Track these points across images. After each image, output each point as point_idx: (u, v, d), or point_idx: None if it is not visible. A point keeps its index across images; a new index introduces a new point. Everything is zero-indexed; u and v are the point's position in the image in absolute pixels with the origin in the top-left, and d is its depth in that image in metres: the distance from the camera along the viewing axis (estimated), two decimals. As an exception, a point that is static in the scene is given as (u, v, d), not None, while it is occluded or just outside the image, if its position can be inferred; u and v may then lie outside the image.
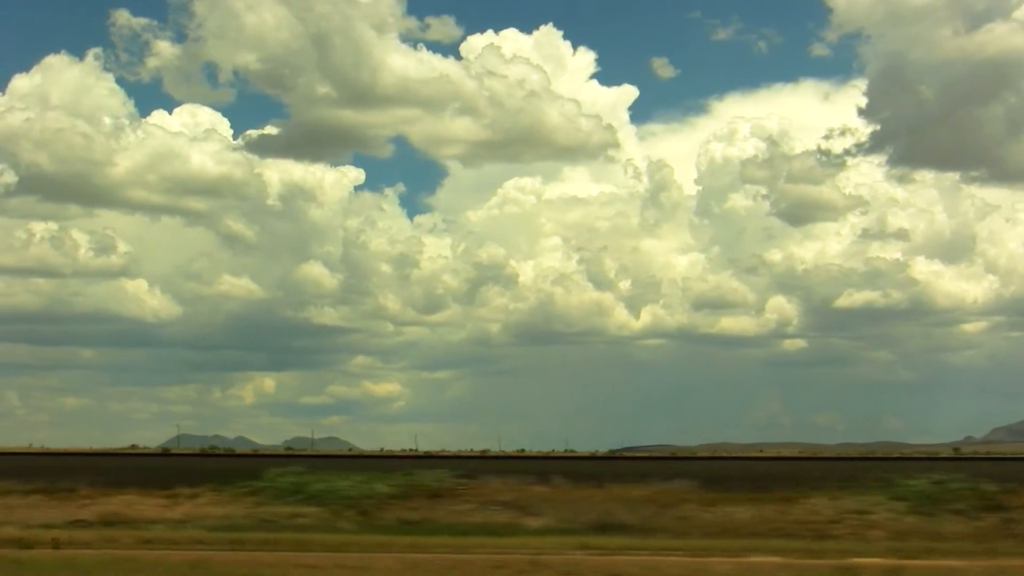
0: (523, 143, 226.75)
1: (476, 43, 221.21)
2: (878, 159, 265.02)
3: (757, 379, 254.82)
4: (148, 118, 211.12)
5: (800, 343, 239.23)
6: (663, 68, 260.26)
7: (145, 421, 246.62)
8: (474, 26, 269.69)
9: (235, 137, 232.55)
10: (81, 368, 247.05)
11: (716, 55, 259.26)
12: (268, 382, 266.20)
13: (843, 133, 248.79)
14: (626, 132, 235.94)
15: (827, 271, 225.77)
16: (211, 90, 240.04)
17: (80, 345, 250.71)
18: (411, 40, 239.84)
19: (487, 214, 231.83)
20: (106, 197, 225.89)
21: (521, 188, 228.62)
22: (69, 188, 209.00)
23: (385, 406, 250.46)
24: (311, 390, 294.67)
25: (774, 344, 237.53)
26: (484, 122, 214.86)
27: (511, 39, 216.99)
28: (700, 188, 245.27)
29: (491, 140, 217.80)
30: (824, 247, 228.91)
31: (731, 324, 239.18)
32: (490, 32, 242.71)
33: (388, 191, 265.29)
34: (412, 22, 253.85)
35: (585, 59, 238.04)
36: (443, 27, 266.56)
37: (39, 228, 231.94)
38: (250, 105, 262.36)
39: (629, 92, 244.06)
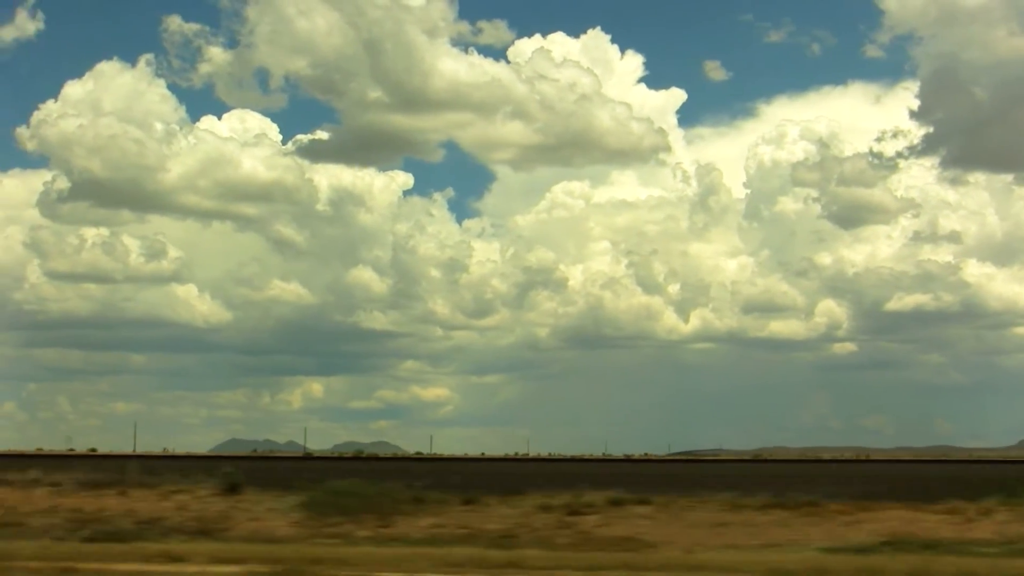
0: (574, 147, 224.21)
1: (524, 47, 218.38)
2: (930, 161, 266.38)
3: (806, 383, 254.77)
4: (198, 124, 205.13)
5: (850, 347, 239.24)
6: (715, 71, 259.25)
7: (195, 426, 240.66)
8: (525, 30, 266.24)
9: (285, 142, 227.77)
10: (132, 373, 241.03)
11: (766, 58, 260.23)
12: (317, 387, 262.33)
13: (895, 135, 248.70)
14: (674, 136, 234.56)
15: (878, 274, 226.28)
16: (263, 95, 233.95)
17: (131, 350, 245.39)
18: (462, 44, 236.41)
19: (535, 218, 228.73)
20: (158, 203, 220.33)
21: (569, 192, 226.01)
22: (121, 194, 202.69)
23: (433, 410, 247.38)
24: (360, 394, 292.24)
25: (824, 348, 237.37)
26: (535, 126, 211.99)
27: (559, 43, 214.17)
28: (749, 191, 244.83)
29: (542, 144, 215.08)
30: (875, 250, 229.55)
31: (780, 328, 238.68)
32: (538, 36, 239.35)
33: (437, 196, 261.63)
34: (464, 26, 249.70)
35: (633, 62, 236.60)
36: (495, 31, 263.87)
37: (91, 234, 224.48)
38: (301, 110, 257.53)
39: (677, 95, 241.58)
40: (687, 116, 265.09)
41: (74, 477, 40.22)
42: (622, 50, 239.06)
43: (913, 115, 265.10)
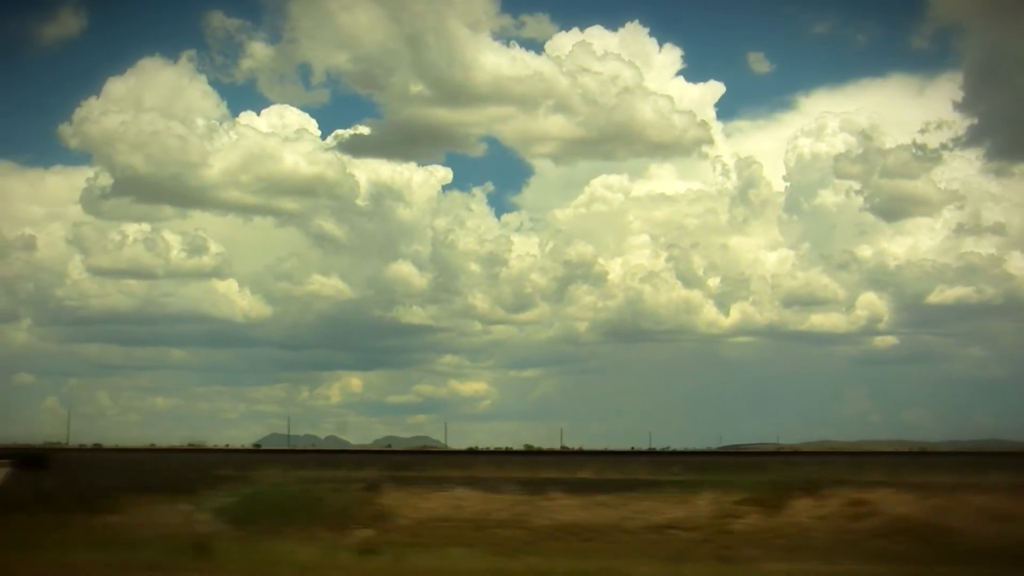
0: (616, 140, 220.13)
1: (561, 41, 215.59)
2: (975, 153, 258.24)
3: (847, 376, 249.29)
4: (240, 119, 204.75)
5: (891, 340, 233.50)
6: (759, 63, 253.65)
7: (234, 420, 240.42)
8: (566, 24, 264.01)
9: (327, 137, 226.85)
10: (171, 368, 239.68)
11: (809, 49, 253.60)
12: (355, 381, 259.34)
13: (939, 127, 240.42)
14: (713, 129, 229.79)
15: (920, 267, 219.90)
16: (305, 91, 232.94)
17: (171, 345, 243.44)
18: (505, 38, 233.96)
19: (574, 212, 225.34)
20: (199, 198, 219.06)
21: (608, 186, 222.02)
22: (163, 190, 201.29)
23: (471, 405, 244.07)
24: (398, 389, 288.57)
25: (864, 341, 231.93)
26: (577, 119, 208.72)
27: (597, 36, 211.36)
28: (788, 184, 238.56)
29: (584, 138, 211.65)
30: (916, 242, 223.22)
31: (821, 321, 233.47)
32: (576, 30, 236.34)
33: (476, 190, 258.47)
34: (507, 20, 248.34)
35: (671, 56, 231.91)
36: (538, 25, 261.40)
37: (132, 230, 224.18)
38: (343, 105, 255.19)
39: (715, 88, 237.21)
40: (725, 109, 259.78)
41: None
42: (660, 43, 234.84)
43: (957, 106, 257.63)
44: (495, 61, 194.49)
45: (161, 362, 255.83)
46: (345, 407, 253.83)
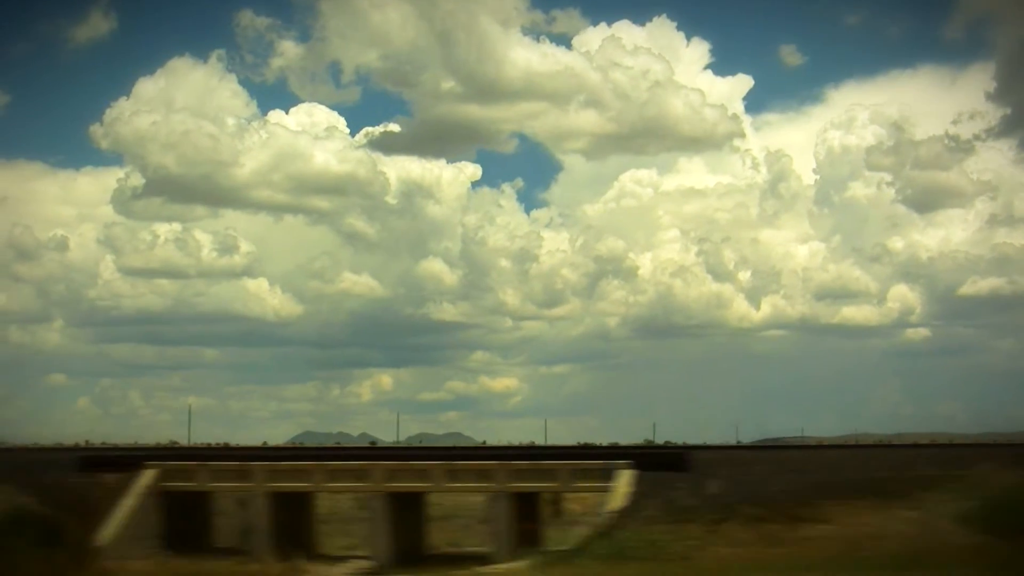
0: (648, 135, 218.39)
1: (589, 36, 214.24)
2: (1008, 143, 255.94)
3: (879, 369, 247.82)
4: (271, 118, 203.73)
5: (923, 332, 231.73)
6: (791, 56, 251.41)
7: (265, 419, 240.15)
8: (596, 19, 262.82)
9: (356, 135, 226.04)
10: (203, 368, 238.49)
11: (838, 42, 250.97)
12: (386, 379, 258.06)
13: (972, 117, 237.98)
14: (743, 122, 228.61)
15: (952, 258, 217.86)
16: (335, 89, 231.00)
17: (202, 345, 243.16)
18: (534, 33, 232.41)
19: (604, 207, 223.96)
20: (230, 198, 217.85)
21: (638, 181, 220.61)
22: (194, 189, 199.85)
23: (502, 401, 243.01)
24: (429, 386, 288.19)
25: (897, 333, 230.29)
26: (609, 114, 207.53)
27: (625, 31, 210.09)
28: (818, 177, 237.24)
29: (616, 132, 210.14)
30: (949, 234, 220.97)
31: (853, 314, 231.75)
32: (603, 25, 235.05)
33: (506, 186, 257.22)
34: (538, 15, 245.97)
35: (699, 50, 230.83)
36: (569, 20, 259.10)
37: (164, 230, 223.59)
38: (374, 103, 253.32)
39: (744, 82, 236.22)
40: (754, 103, 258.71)
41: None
42: (688, 38, 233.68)
43: (990, 97, 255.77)
44: (526, 57, 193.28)
45: (193, 361, 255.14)
46: (376, 405, 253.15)
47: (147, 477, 41.60)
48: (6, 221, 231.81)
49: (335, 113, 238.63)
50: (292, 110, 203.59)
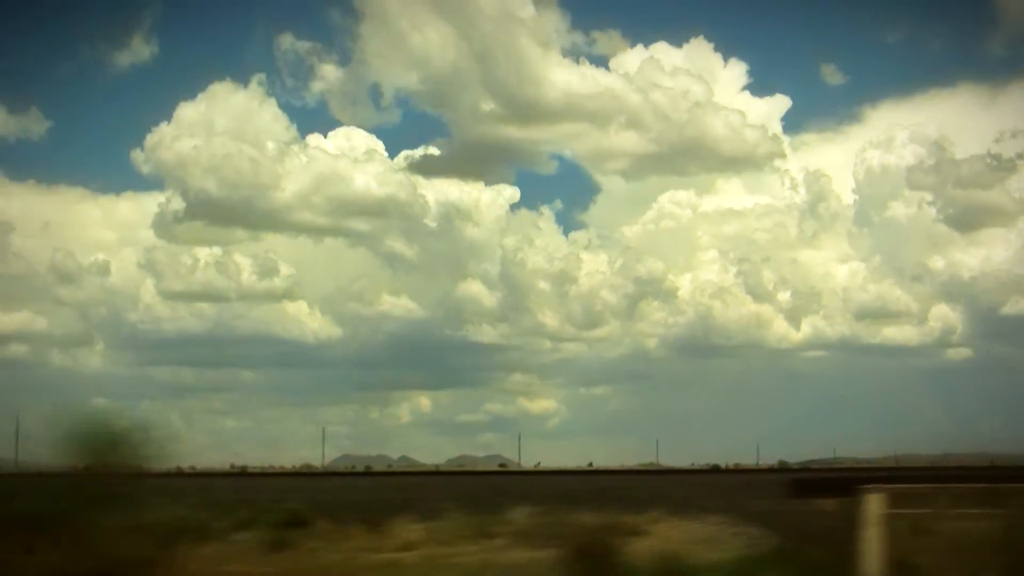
0: (688, 155, 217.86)
1: (626, 58, 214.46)
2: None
3: (920, 389, 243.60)
4: (308, 142, 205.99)
5: (965, 352, 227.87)
6: (832, 75, 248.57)
7: (304, 441, 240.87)
8: (635, 40, 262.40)
9: (396, 158, 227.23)
10: (242, 390, 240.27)
11: (878, 60, 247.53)
12: (424, 401, 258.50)
13: (1014, 136, 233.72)
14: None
15: (995, 277, 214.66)
16: (376, 112, 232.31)
17: (241, 367, 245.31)
18: (574, 54, 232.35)
19: (642, 228, 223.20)
20: (271, 221, 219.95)
21: (676, 202, 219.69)
22: (235, 213, 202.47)
23: (541, 423, 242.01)
24: (467, 408, 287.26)
25: (938, 353, 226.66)
26: (649, 135, 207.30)
27: (662, 52, 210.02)
28: (858, 197, 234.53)
29: (656, 153, 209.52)
30: (991, 253, 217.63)
31: (894, 334, 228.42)
32: (640, 47, 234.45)
33: (544, 208, 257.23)
34: (579, 36, 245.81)
35: (736, 70, 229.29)
36: (609, 41, 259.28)
37: (204, 253, 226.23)
38: (413, 125, 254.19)
39: (782, 102, 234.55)
40: (792, 123, 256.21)
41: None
42: (725, 58, 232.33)
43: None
44: (565, 78, 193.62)
45: (232, 384, 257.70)
46: (414, 427, 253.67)
47: (874, 503, 33.34)
48: (48, 246, 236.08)
49: (373, 136, 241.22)
50: (331, 134, 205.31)
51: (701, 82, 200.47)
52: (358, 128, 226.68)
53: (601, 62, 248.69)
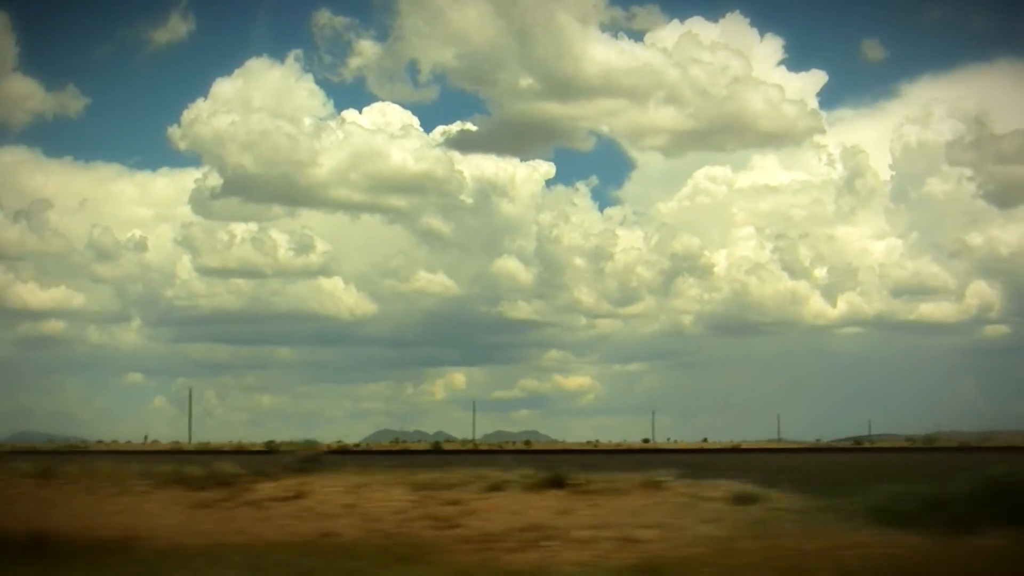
0: (726, 131, 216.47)
1: (661, 33, 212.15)
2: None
3: (957, 366, 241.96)
4: (344, 118, 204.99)
5: (1003, 329, 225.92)
6: (874, 50, 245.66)
7: (338, 418, 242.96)
8: (671, 15, 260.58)
9: (436, 133, 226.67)
10: (278, 367, 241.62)
11: (919, 36, 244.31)
12: (459, 377, 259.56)
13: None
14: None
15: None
16: (414, 89, 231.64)
17: (277, 344, 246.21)
18: (613, 30, 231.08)
19: (678, 205, 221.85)
20: (308, 197, 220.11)
21: (712, 178, 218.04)
22: (272, 189, 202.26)
23: (574, 400, 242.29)
24: (502, 385, 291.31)
25: (976, 330, 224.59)
26: (687, 111, 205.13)
27: (698, 27, 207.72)
28: (895, 173, 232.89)
29: (695, 129, 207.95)
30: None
31: (931, 311, 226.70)
32: (675, 22, 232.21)
33: (580, 184, 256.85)
34: (618, 11, 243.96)
35: (772, 46, 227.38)
36: (649, 16, 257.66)
37: (240, 229, 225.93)
38: (452, 102, 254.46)
39: (818, 77, 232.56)
40: (828, 98, 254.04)
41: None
42: (761, 33, 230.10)
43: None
44: (604, 53, 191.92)
45: (268, 361, 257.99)
46: (449, 403, 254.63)
47: None
48: (85, 222, 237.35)
49: (413, 112, 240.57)
50: (371, 109, 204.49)
51: (740, 57, 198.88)
52: (399, 104, 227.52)
53: (637, 37, 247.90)
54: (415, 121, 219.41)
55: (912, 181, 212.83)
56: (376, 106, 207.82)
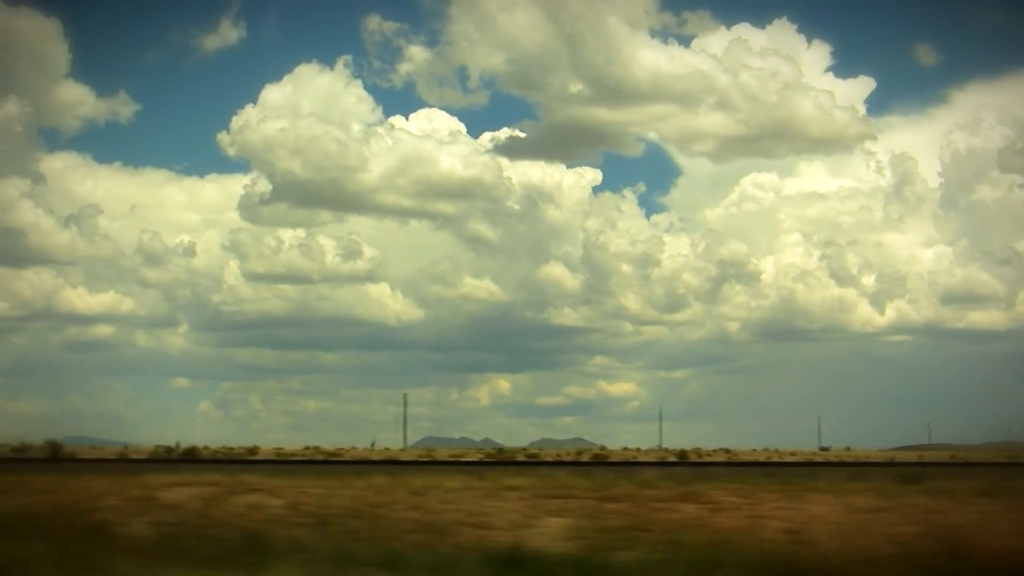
0: (776, 137, 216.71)
1: (708, 40, 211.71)
2: None
3: (1008, 375, 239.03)
4: (392, 124, 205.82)
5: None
6: (926, 55, 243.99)
7: (383, 423, 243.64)
8: (720, 21, 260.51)
9: (479, 139, 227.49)
10: (323, 372, 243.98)
11: (972, 42, 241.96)
12: (504, 383, 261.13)
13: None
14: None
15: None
16: (463, 94, 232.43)
17: (323, 349, 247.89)
18: (663, 35, 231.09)
19: (725, 212, 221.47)
20: (356, 202, 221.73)
21: (759, 184, 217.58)
22: (320, 194, 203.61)
23: (619, 406, 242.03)
24: (547, 391, 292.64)
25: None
26: (738, 117, 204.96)
27: (745, 34, 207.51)
28: (943, 180, 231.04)
29: (744, 135, 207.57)
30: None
31: (980, 318, 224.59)
32: (723, 29, 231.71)
33: (626, 191, 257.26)
34: (669, 17, 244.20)
35: (820, 52, 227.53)
36: (700, 22, 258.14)
37: (288, 235, 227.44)
38: (501, 107, 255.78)
39: (866, 84, 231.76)
40: (875, 105, 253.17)
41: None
42: (808, 40, 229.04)
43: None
44: (653, 59, 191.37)
45: (313, 365, 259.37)
46: (494, 409, 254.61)
47: None
48: (135, 227, 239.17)
49: (462, 118, 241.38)
50: (420, 115, 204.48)
51: (790, 63, 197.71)
52: (448, 110, 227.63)
53: (685, 42, 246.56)
54: (462, 127, 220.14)
55: (962, 188, 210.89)
56: (423, 112, 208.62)
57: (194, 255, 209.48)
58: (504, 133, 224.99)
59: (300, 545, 13.87)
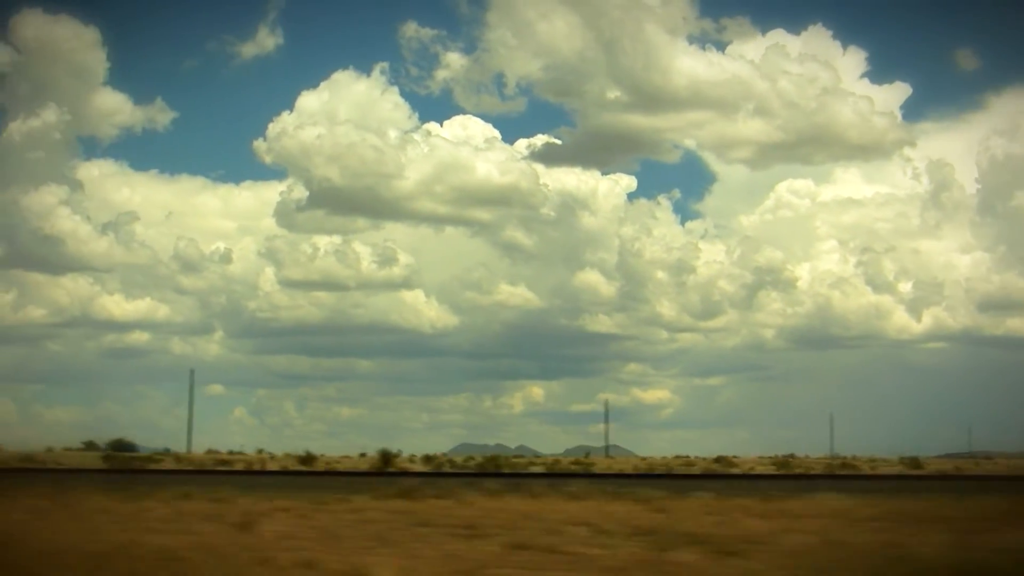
0: (814, 143, 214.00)
1: (743, 47, 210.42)
2: None
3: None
4: (433, 130, 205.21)
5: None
6: (967, 59, 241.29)
7: (417, 430, 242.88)
8: (760, 27, 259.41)
9: (515, 145, 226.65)
10: (357, 379, 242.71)
11: (1012, 47, 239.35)
12: (537, 390, 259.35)
13: None
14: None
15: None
16: (500, 101, 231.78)
17: (358, 356, 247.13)
18: (701, 41, 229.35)
19: (760, 218, 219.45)
20: (393, 209, 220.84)
21: (795, 191, 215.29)
22: (357, 201, 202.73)
23: (653, 413, 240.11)
24: (581, 398, 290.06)
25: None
26: (776, 123, 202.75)
27: (780, 40, 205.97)
28: (981, 186, 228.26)
29: (782, 142, 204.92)
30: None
31: (1018, 325, 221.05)
32: (758, 35, 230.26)
33: (661, 198, 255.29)
34: (707, 24, 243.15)
35: (856, 58, 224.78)
36: (739, 28, 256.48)
37: (324, 242, 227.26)
38: (538, 114, 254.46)
39: (902, 90, 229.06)
40: (911, 111, 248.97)
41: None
42: (844, 46, 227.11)
43: None
44: (691, 65, 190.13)
45: (347, 372, 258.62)
46: (527, 416, 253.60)
47: None
48: (171, 234, 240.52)
49: (498, 125, 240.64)
50: (457, 122, 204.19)
51: (827, 69, 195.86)
52: (485, 116, 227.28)
53: (720, 49, 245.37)
54: (505, 134, 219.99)
55: (999, 194, 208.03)
56: (459, 119, 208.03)
57: (230, 262, 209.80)
58: (540, 140, 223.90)
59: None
